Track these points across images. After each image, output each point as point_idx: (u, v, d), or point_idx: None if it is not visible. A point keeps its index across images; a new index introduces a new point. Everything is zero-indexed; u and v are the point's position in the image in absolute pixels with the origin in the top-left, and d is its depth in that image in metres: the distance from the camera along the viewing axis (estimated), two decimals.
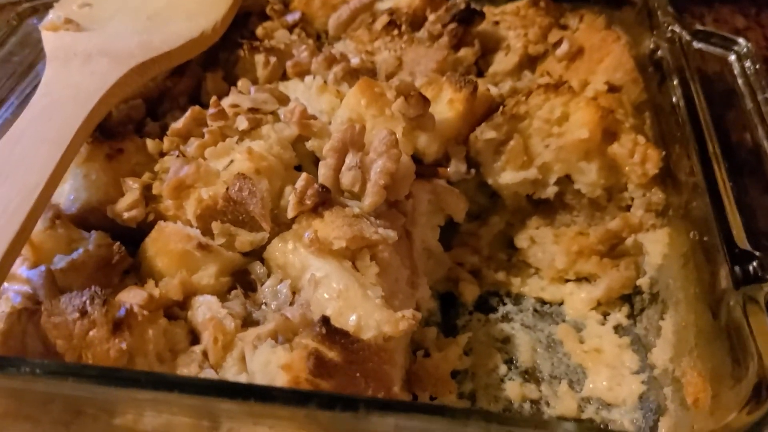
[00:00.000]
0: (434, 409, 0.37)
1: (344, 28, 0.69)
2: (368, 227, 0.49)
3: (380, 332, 0.44)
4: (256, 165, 0.51)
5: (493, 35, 0.67)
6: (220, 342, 0.44)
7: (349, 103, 0.56)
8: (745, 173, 0.50)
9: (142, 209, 0.50)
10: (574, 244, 0.58)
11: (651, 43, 0.64)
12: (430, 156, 0.57)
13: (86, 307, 0.42)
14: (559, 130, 0.56)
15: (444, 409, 0.38)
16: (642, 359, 0.53)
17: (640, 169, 0.55)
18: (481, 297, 0.59)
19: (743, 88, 0.57)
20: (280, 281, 0.48)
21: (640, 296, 0.56)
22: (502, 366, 0.54)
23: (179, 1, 0.64)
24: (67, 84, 0.53)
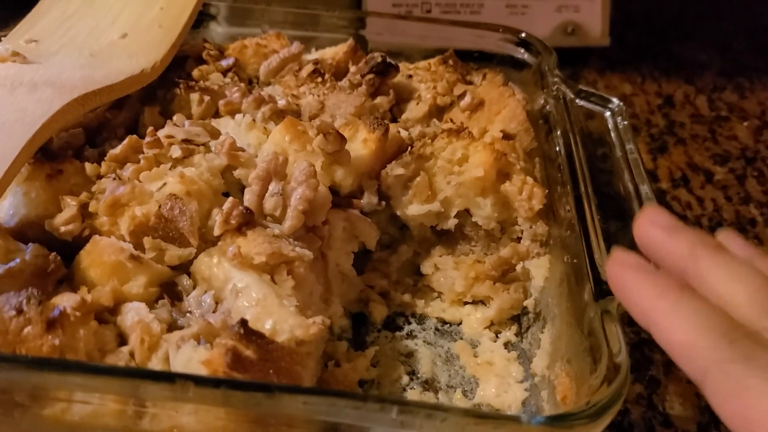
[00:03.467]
0: (336, 393, 0.43)
1: (273, 75, 0.76)
2: (286, 246, 0.55)
3: (293, 336, 0.49)
4: (187, 188, 0.56)
5: (407, 87, 0.76)
6: (147, 343, 0.49)
7: (275, 138, 0.63)
8: (612, 209, 0.59)
9: (78, 224, 0.55)
10: (471, 271, 0.65)
11: (542, 99, 0.74)
12: (346, 188, 0.63)
13: (22, 306, 0.46)
14: (460, 170, 0.64)
15: (345, 393, 0.43)
16: (526, 370, 0.60)
17: (527, 204, 0.63)
18: (389, 317, 0.65)
19: (615, 139, 0.66)
20: (204, 292, 0.53)
21: (527, 316, 0.63)
22: (405, 377, 0.60)
23: (122, 41, 0.70)
24: (14, 108, 0.57)
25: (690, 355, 0.36)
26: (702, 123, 1.00)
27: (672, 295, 0.38)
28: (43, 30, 0.71)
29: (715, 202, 0.86)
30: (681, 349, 0.37)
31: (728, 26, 1.26)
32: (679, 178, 0.89)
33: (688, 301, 0.38)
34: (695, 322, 0.36)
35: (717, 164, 0.92)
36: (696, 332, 0.36)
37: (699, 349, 0.36)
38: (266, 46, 0.78)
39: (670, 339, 0.37)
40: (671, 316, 0.37)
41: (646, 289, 0.40)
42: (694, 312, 0.37)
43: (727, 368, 0.34)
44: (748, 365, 0.34)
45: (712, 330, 0.36)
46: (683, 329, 0.37)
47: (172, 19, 0.75)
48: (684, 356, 0.37)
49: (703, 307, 0.37)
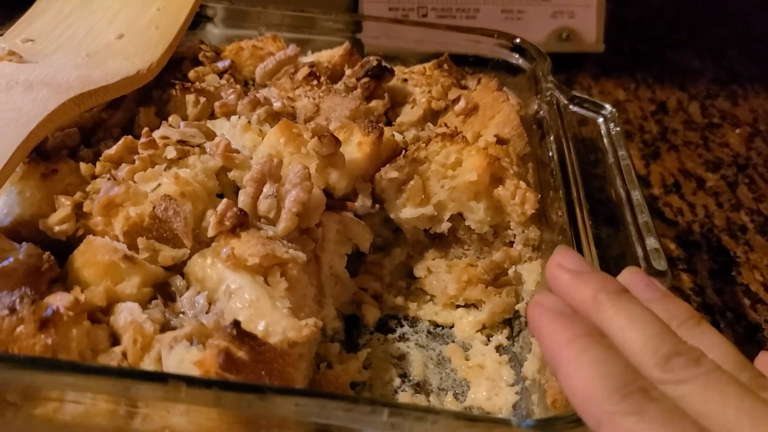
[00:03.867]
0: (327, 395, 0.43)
1: (269, 77, 0.76)
2: (280, 248, 0.55)
3: (285, 337, 0.50)
4: (182, 189, 0.56)
5: (402, 90, 0.76)
6: (139, 343, 0.49)
7: (270, 140, 0.63)
8: (603, 214, 0.60)
9: (72, 224, 0.55)
10: (464, 274, 0.65)
11: (535, 105, 0.74)
12: (340, 191, 0.64)
13: (15, 305, 0.47)
14: (453, 174, 0.65)
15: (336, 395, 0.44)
16: (517, 373, 0.60)
17: (520, 209, 0.63)
18: (382, 319, 0.66)
19: (607, 145, 0.67)
20: (197, 293, 0.54)
21: (519, 320, 0.64)
22: (397, 379, 0.60)
23: (118, 42, 0.71)
24: (9, 108, 0.57)
25: (585, 405, 0.38)
26: (695, 130, 1.00)
27: (579, 343, 0.40)
28: (39, 30, 0.71)
29: (706, 208, 0.87)
30: (578, 397, 0.38)
31: (722, 34, 1.27)
32: (672, 184, 0.90)
33: (592, 350, 0.39)
34: (594, 372, 0.38)
35: (709, 171, 0.93)
36: (593, 383, 0.38)
37: (594, 400, 0.37)
38: (262, 48, 0.78)
39: (571, 386, 0.39)
40: (574, 364, 0.39)
41: (557, 335, 0.41)
42: (595, 362, 0.38)
43: (618, 420, 0.36)
44: (637, 419, 0.36)
45: (608, 382, 0.37)
46: (583, 378, 0.38)
47: (169, 21, 0.75)
48: (580, 405, 0.38)
49: (603, 357, 0.39)
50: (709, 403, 0.36)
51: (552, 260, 0.46)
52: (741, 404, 0.36)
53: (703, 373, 0.37)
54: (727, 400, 0.36)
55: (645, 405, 0.36)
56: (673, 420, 0.35)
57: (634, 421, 0.36)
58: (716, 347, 0.40)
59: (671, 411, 0.36)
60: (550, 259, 0.46)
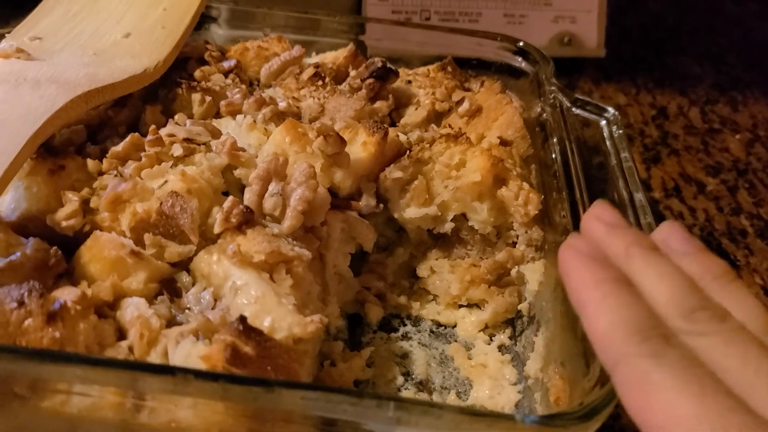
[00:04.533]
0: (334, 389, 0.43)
1: (274, 77, 0.77)
2: (286, 245, 0.55)
3: (291, 333, 0.50)
4: (188, 186, 0.57)
5: (406, 92, 0.77)
6: (146, 338, 0.49)
7: (275, 139, 0.64)
8: None
9: (80, 219, 0.55)
10: (467, 274, 0.66)
11: (538, 107, 0.75)
12: (345, 190, 0.64)
13: (24, 298, 0.47)
14: (457, 174, 0.65)
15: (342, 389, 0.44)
16: (519, 372, 0.60)
17: (523, 209, 0.64)
18: (385, 318, 0.66)
19: (610, 148, 0.67)
20: (203, 289, 0.54)
21: (521, 319, 0.64)
22: (400, 377, 0.60)
23: (125, 41, 0.71)
24: (18, 104, 0.58)
25: (605, 346, 0.38)
26: (695, 135, 1.01)
27: (604, 287, 0.40)
28: (47, 28, 0.72)
29: (707, 212, 0.87)
30: (599, 338, 0.38)
31: (722, 41, 1.28)
32: (672, 188, 0.91)
33: (617, 295, 0.39)
34: (617, 315, 0.38)
35: (709, 175, 0.93)
36: (615, 325, 0.38)
37: (614, 341, 0.37)
38: (268, 48, 0.79)
39: (592, 327, 0.39)
40: (598, 307, 0.39)
41: (585, 277, 0.41)
42: (619, 306, 0.38)
43: (635, 362, 0.36)
44: (654, 361, 0.35)
45: (630, 325, 0.37)
46: (605, 321, 0.38)
47: (176, 20, 0.75)
48: (600, 346, 0.38)
49: (628, 302, 0.39)
50: (729, 359, 0.36)
51: (589, 212, 0.46)
52: (762, 365, 0.35)
53: (728, 330, 0.37)
54: (749, 359, 0.35)
55: (664, 349, 0.36)
56: (690, 367, 0.35)
57: (651, 363, 0.35)
58: (746, 306, 0.39)
59: (689, 359, 0.36)
60: (588, 211, 0.46)
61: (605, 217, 0.45)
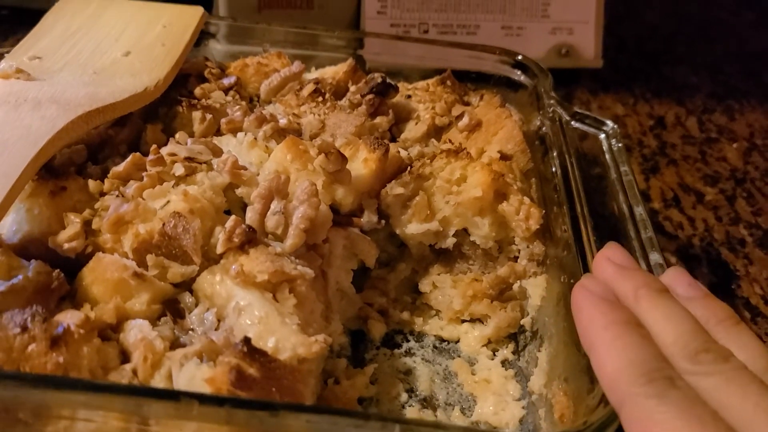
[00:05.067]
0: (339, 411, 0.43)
1: (274, 94, 0.77)
2: (288, 264, 0.55)
3: (295, 354, 0.50)
4: (191, 206, 0.56)
5: (406, 107, 0.77)
6: (150, 360, 0.49)
7: (276, 157, 0.64)
8: (606, 229, 0.60)
9: (81, 241, 0.55)
10: (469, 289, 0.66)
11: (538, 121, 0.75)
12: (346, 207, 0.64)
13: (27, 323, 0.47)
14: (458, 189, 0.65)
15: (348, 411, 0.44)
16: (523, 388, 0.60)
17: (524, 224, 0.64)
18: (388, 334, 0.66)
19: (609, 161, 0.67)
20: (206, 309, 0.54)
21: (524, 334, 0.64)
22: (404, 394, 0.60)
23: (125, 59, 0.71)
24: (18, 125, 0.58)
25: (613, 386, 0.40)
26: (693, 144, 1.02)
27: (614, 330, 0.42)
28: (46, 47, 0.72)
29: (706, 222, 0.87)
30: (607, 379, 0.41)
31: (718, 50, 1.29)
32: (671, 198, 0.91)
33: (626, 336, 0.42)
34: (625, 357, 0.40)
35: (708, 185, 0.94)
36: (622, 367, 0.40)
37: (621, 382, 0.40)
38: (267, 65, 0.79)
39: (602, 367, 0.41)
40: (608, 348, 0.41)
41: (596, 318, 0.43)
42: (627, 347, 0.41)
43: (640, 401, 0.38)
44: (658, 401, 0.37)
45: (637, 366, 0.40)
46: (613, 362, 0.41)
47: (175, 38, 0.76)
48: (609, 386, 0.41)
49: (636, 343, 0.41)
50: (730, 397, 0.37)
51: (601, 253, 0.49)
52: (761, 401, 0.37)
53: (729, 369, 0.39)
54: (748, 396, 0.37)
55: (668, 390, 0.38)
56: (692, 407, 0.37)
57: (655, 403, 0.37)
58: (749, 348, 0.41)
59: (692, 399, 0.37)
60: (600, 252, 0.49)
61: (616, 259, 0.48)
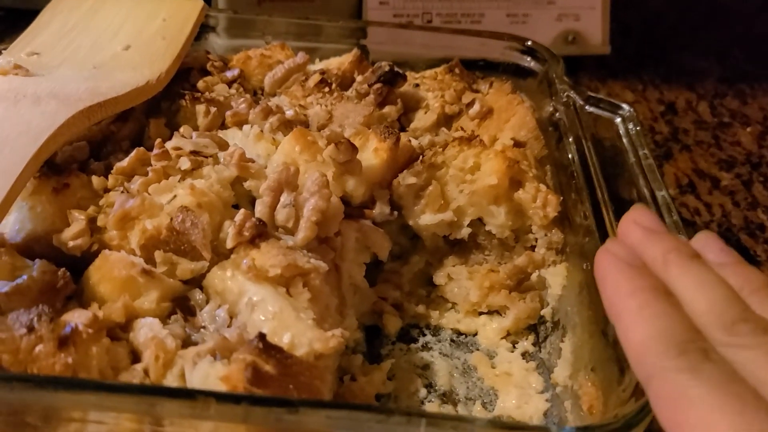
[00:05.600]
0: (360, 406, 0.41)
1: (278, 86, 0.75)
2: (301, 257, 0.53)
3: (312, 349, 0.48)
4: (198, 200, 0.55)
5: (414, 96, 0.75)
6: (161, 359, 0.47)
7: (284, 149, 0.62)
8: None
9: (87, 238, 0.53)
10: (486, 280, 0.64)
11: (550, 107, 0.73)
12: (357, 198, 0.62)
13: (33, 323, 0.45)
14: (472, 178, 0.63)
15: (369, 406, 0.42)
16: (546, 380, 0.58)
17: (542, 212, 0.62)
18: (403, 329, 0.64)
19: (627, 145, 0.65)
20: (218, 306, 0.52)
21: (544, 325, 0.62)
22: (422, 390, 0.58)
23: (125, 53, 0.69)
24: (18, 122, 0.56)
25: (640, 358, 0.37)
26: (705, 129, 1.00)
27: (641, 296, 0.39)
28: (44, 43, 0.70)
29: (723, 207, 0.86)
30: (634, 350, 0.37)
31: (724, 36, 1.27)
32: (686, 184, 0.89)
33: (654, 305, 0.38)
34: (654, 326, 0.37)
35: (723, 170, 0.92)
36: (651, 337, 0.37)
37: (649, 354, 0.36)
38: (271, 56, 0.77)
39: (628, 338, 0.38)
40: (635, 317, 0.38)
41: (621, 285, 0.40)
42: (656, 316, 0.37)
43: (672, 376, 0.35)
44: (691, 376, 0.34)
45: (667, 337, 0.36)
46: (641, 332, 0.37)
47: (175, 30, 0.74)
48: (635, 358, 0.37)
49: (666, 312, 0.38)
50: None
51: (627, 216, 0.45)
52: None
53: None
54: None
55: (701, 364, 0.35)
56: (729, 382, 0.34)
57: (687, 378, 0.34)
58: None
59: (729, 374, 0.34)
60: (626, 215, 0.45)
61: (644, 221, 0.44)
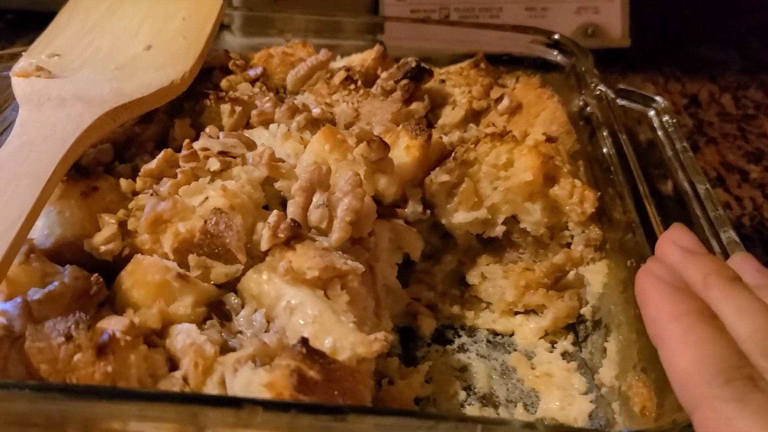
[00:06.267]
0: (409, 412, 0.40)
1: (301, 84, 0.74)
2: (338, 259, 0.52)
3: (354, 353, 0.47)
4: (231, 201, 0.53)
5: (440, 92, 0.74)
6: (201, 366, 0.46)
7: (314, 148, 0.60)
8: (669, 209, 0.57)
9: (119, 243, 0.52)
10: (521, 279, 0.62)
11: (580, 101, 0.72)
12: (389, 197, 0.61)
13: (71, 331, 0.43)
14: (506, 174, 0.62)
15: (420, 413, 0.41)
16: (589, 381, 0.57)
17: (579, 208, 0.60)
18: (437, 330, 0.63)
19: (663, 138, 0.64)
20: (254, 310, 0.51)
21: (584, 324, 0.61)
22: (462, 392, 0.57)
23: (147, 53, 0.68)
24: (43, 125, 0.54)
25: (686, 384, 0.36)
26: (730, 121, 0.98)
27: (686, 321, 0.38)
28: (64, 44, 0.68)
29: (754, 201, 0.84)
30: (679, 376, 0.37)
31: (741, 27, 1.25)
32: (715, 177, 0.88)
33: (699, 329, 0.38)
34: (700, 352, 0.37)
35: (751, 162, 0.90)
36: (697, 363, 0.36)
37: (695, 381, 0.36)
38: (293, 54, 0.75)
39: (672, 363, 0.38)
40: (679, 341, 0.38)
41: (665, 308, 0.40)
42: (702, 342, 0.37)
43: (718, 405, 0.34)
44: (738, 406, 0.34)
45: (713, 364, 0.36)
46: (687, 357, 0.37)
47: (196, 29, 0.72)
48: (680, 384, 0.37)
49: (711, 338, 0.37)
50: None
51: (665, 235, 0.45)
52: None
53: None
54: None
55: (749, 393, 0.34)
56: None
57: (735, 408, 0.34)
58: None
59: None
60: (664, 234, 0.45)
61: (682, 242, 0.44)
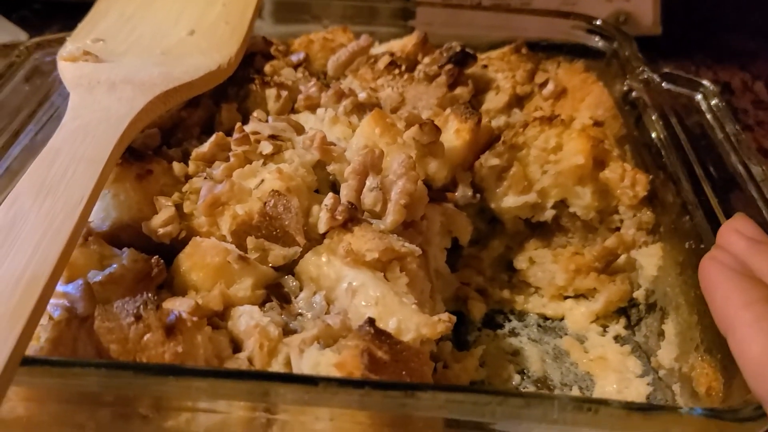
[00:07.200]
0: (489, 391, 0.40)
1: (342, 69, 0.73)
2: (396, 241, 0.52)
3: (419, 334, 0.47)
4: (287, 184, 0.53)
5: (483, 77, 0.73)
6: (266, 348, 0.45)
7: (364, 131, 0.60)
8: (725, 191, 0.56)
9: (176, 225, 0.51)
10: (571, 263, 0.62)
11: (624, 86, 0.71)
12: (440, 181, 0.60)
13: (140, 312, 0.43)
14: (555, 158, 0.61)
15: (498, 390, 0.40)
16: (644, 364, 0.57)
17: (631, 191, 0.60)
18: (487, 315, 0.62)
19: (712, 121, 0.64)
20: (314, 293, 0.50)
21: (637, 308, 0.60)
22: (516, 376, 0.57)
23: (191, 38, 0.67)
24: (96, 108, 0.54)
25: (760, 373, 0.36)
26: (765, 109, 0.98)
27: (758, 308, 0.38)
28: (107, 30, 0.68)
29: None
30: (752, 364, 0.37)
31: None
32: None
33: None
34: None
35: None
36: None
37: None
38: (333, 40, 0.75)
39: (745, 351, 0.37)
40: (751, 329, 0.37)
41: (734, 296, 0.39)
42: None
43: None
44: None
45: None
46: (759, 345, 0.37)
47: (238, 15, 0.72)
48: (753, 372, 0.37)
49: None
50: None
51: (728, 224, 0.44)
52: None
53: None
54: None
55: None
56: None
57: None
58: None
59: None
60: (726, 223, 0.45)
61: (746, 231, 0.43)
